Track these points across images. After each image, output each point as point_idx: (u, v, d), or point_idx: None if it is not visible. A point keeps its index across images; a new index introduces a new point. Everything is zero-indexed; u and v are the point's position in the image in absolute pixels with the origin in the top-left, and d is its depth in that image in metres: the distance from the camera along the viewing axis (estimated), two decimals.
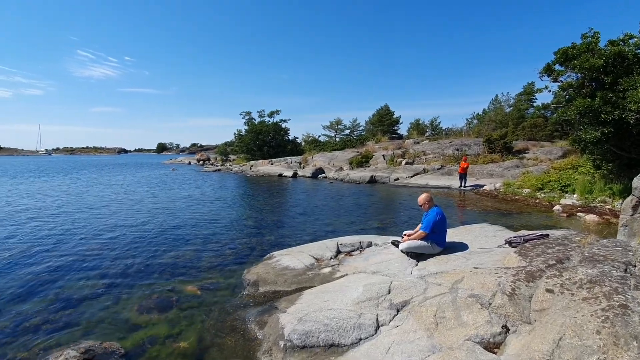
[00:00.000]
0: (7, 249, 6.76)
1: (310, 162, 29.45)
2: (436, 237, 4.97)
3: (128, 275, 5.48)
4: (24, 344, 3.52)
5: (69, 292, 4.81)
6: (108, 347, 3.36)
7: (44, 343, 3.54)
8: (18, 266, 5.84)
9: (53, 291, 4.83)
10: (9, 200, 13.18)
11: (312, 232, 8.38)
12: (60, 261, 6.11)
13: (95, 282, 5.15)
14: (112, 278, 5.33)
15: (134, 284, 5.10)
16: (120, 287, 4.98)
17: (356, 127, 51.56)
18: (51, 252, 6.65)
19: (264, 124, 39.20)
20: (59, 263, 6.01)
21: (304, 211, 11.30)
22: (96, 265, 5.91)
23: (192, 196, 14.86)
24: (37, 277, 5.32)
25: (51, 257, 6.35)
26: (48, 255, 6.42)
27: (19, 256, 6.36)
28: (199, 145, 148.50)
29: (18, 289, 4.90)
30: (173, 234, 8.16)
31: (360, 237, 6.48)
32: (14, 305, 4.40)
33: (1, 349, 3.45)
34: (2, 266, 5.81)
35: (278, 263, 5.37)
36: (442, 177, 19.44)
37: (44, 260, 6.14)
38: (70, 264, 5.95)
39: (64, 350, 3.23)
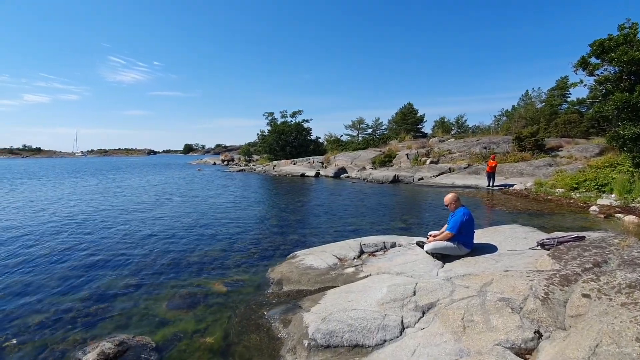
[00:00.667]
0: (49, 245, 7.20)
1: (333, 161, 29.44)
2: (463, 238, 4.84)
3: (158, 272, 5.68)
4: (63, 335, 3.74)
5: (104, 287, 5.06)
6: (140, 341, 3.51)
7: (81, 334, 3.74)
8: (58, 261, 6.20)
9: (89, 285, 5.09)
10: (49, 201, 14.02)
11: (334, 232, 8.37)
12: (96, 257, 6.43)
13: (128, 278, 5.38)
14: (143, 274, 5.55)
15: (163, 281, 5.29)
16: (151, 283, 5.18)
17: (379, 126, 51.08)
18: (88, 248, 7.01)
19: (287, 124, 39.54)
20: (95, 259, 6.33)
21: (327, 211, 11.30)
22: (128, 262, 6.18)
23: (217, 196, 15.23)
24: (74, 272, 5.63)
25: (88, 253, 6.69)
26: (85, 252, 6.77)
27: (58, 252, 6.75)
28: (223, 146, 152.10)
29: (58, 282, 5.20)
30: (200, 232, 8.39)
31: (384, 237, 6.41)
32: (55, 298, 4.67)
33: (43, 339, 3.67)
34: (45, 261, 6.20)
35: (301, 262, 5.40)
36: (468, 177, 18.88)
37: (81, 256, 6.49)
38: (104, 260, 6.25)
39: (100, 342, 3.40)
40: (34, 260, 6.27)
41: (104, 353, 3.19)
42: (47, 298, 4.67)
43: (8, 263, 6.10)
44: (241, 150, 55.75)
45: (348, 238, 7.06)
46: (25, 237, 7.93)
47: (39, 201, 13.61)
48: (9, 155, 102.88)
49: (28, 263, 6.10)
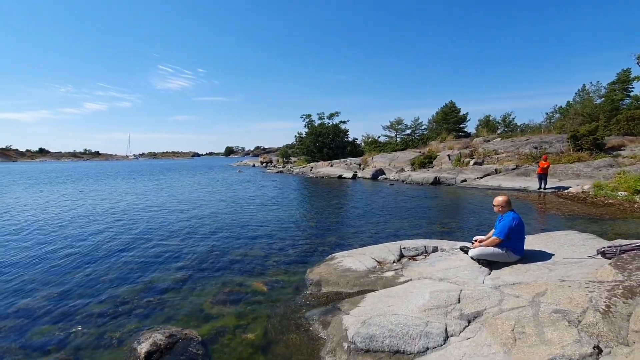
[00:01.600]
0: (108, 240, 7.84)
1: (370, 163, 29.11)
2: (512, 243, 4.55)
3: (203, 268, 5.96)
4: (119, 324, 4.04)
5: (155, 280, 5.40)
6: (188, 334, 3.69)
7: (135, 324, 4.02)
8: (115, 255, 6.73)
9: (142, 280, 5.46)
10: (111, 200, 15.28)
11: (373, 234, 8.26)
12: (148, 252, 6.90)
13: (176, 273, 5.70)
14: (190, 270, 5.85)
15: (208, 277, 5.53)
16: (197, 279, 5.45)
17: (418, 127, 49.70)
18: (140, 244, 7.54)
19: (324, 126, 39.76)
20: (147, 254, 6.79)
21: (364, 213, 11.19)
22: (177, 258, 6.55)
23: (256, 197, 15.68)
24: (128, 267, 6.07)
25: (141, 248, 7.19)
26: (138, 247, 7.28)
27: (116, 246, 7.33)
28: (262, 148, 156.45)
29: (115, 275, 5.64)
30: (241, 232, 8.69)
31: (425, 241, 6.21)
32: (113, 289, 5.07)
33: (103, 327, 4.00)
34: (104, 254, 6.76)
35: (340, 264, 5.39)
36: (517, 178, 17.74)
37: (135, 251, 6.98)
38: (156, 256, 6.68)
39: (152, 333, 3.63)
40: (95, 253, 6.86)
41: (156, 344, 3.40)
42: (106, 289, 5.08)
43: (75, 256, 6.73)
44: (279, 152, 56.96)
45: (387, 241, 6.93)
46: (89, 232, 8.70)
47: (102, 200, 14.87)
48: (72, 159, 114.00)
49: (90, 256, 6.69)
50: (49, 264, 6.25)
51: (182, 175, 32.70)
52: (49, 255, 6.82)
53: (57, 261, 6.42)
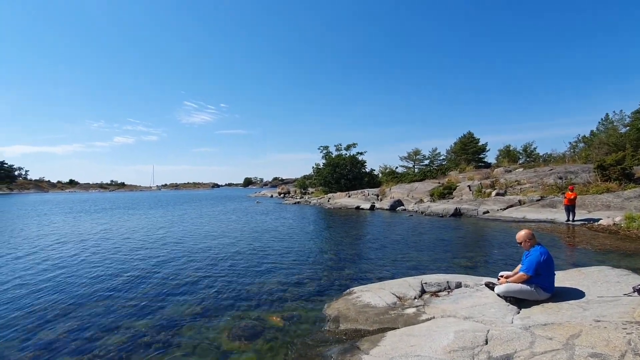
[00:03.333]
0: (128, 270, 7.96)
1: (388, 194, 28.88)
2: (541, 280, 4.33)
3: (220, 301, 5.92)
4: (138, 359, 4.02)
5: (172, 313, 5.39)
6: None
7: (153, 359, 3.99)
8: (135, 286, 6.80)
9: (160, 311, 5.47)
10: (134, 230, 15.67)
11: (392, 268, 8.04)
12: (167, 283, 6.94)
13: (193, 306, 5.68)
14: (206, 303, 5.82)
15: (224, 310, 5.48)
16: (213, 312, 5.40)
17: (436, 157, 49.46)
18: (158, 275, 7.60)
19: (341, 157, 40.18)
20: (164, 286, 6.82)
21: (383, 245, 10.97)
22: (195, 289, 6.56)
23: (274, 228, 15.71)
24: (148, 297, 6.11)
25: (160, 278, 7.25)
26: (157, 277, 7.34)
27: (136, 277, 7.42)
28: (280, 179, 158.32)
29: (133, 307, 5.67)
30: (258, 263, 8.65)
31: (447, 276, 5.99)
32: (130, 321, 5.09)
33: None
34: (125, 285, 6.84)
35: (358, 299, 5.25)
36: (542, 210, 17.10)
37: (154, 282, 7.04)
38: (173, 287, 6.71)
39: None
40: (116, 282, 6.97)
41: None
42: (126, 320, 5.10)
43: (97, 285, 6.85)
44: (297, 183, 57.51)
45: (407, 275, 6.73)
46: (111, 261, 8.89)
47: (127, 231, 15.28)
48: (99, 190, 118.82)
49: (111, 285, 6.78)
50: (73, 292, 6.38)
51: (203, 206, 33.34)
52: (73, 282, 6.97)
53: (80, 289, 6.55)
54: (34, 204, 38.02)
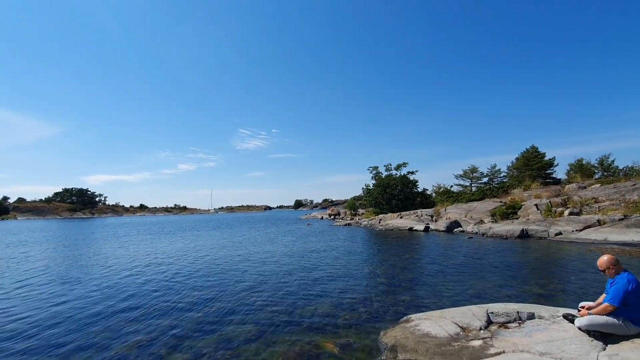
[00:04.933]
0: (188, 289, 8.42)
1: (444, 214, 27.44)
2: (630, 312, 3.73)
3: (274, 323, 5.96)
4: None
5: (229, 334, 5.52)
6: None
7: None
8: (195, 305, 7.13)
9: (217, 331, 5.63)
10: (194, 250, 16.69)
11: (452, 295, 7.49)
12: (223, 304, 7.17)
13: (248, 327, 5.77)
14: (262, 325, 5.89)
15: (279, 333, 5.49)
16: (268, 335, 5.43)
17: (496, 174, 46.25)
18: (216, 294, 7.91)
19: (392, 177, 39.35)
20: (221, 306, 7.06)
21: (441, 269, 10.32)
22: (249, 310, 6.69)
23: (325, 249, 15.66)
24: (206, 317, 6.35)
25: (216, 299, 7.53)
26: (214, 297, 7.64)
27: (196, 296, 7.79)
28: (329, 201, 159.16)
29: (193, 325, 5.92)
30: (310, 286, 8.62)
31: (517, 305, 5.42)
32: (191, 340, 5.30)
33: None
34: (186, 303, 7.22)
35: (417, 328, 4.94)
36: (627, 231, 14.93)
37: (212, 301, 7.33)
38: (230, 308, 6.91)
39: None
40: (178, 301, 7.38)
41: None
42: (187, 339, 5.33)
43: (162, 302, 7.32)
44: (347, 205, 57.25)
45: (470, 303, 6.23)
46: (173, 281, 9.48)
47: (189, 250, 16.34)
48: (165, 213, 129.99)
49: (174, 303, 7.20)
50: (143, 306, 6.88)
51: (257, 228, 34.54)
52: (143, 296, 7.53)
53: (149, 303, 7.05)
54: (113, 227, 42.49)
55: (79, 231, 35.01)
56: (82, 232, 33.05)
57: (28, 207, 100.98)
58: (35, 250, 17.77)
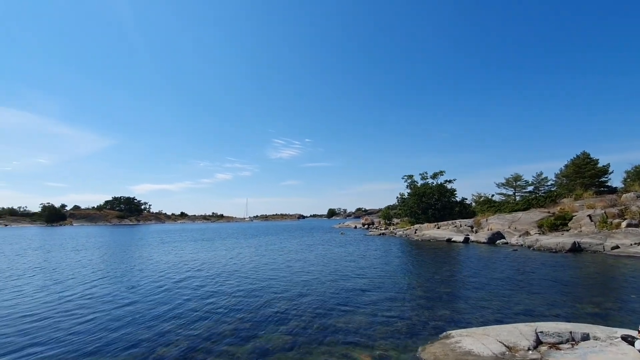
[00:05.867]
0: (225, 296, 8.68)
1: (485, 225, 26.14)
2: None
3: (309, 333, 5.98)
4: None
5: (265, 341, 5.61)
6: None
7: None
8: (230, 311, 7.32)
9: (252, 339, 5.75)
10: (231, 257, 17.23)
11: (496, 311, 7.10)
12: (258, 312, 7.31)
13: (283, 336, 5.83)
14: (296, 333, 5.94)
15: (313, 342, 5.51)
16: (302, 344, 5.46)
17: (542, 183, 43.38)
18: (251, 302, 8.07)
19: (428, 186, 38.24)
20: (257, 312, 7.21)
21: (483, 284, 9.83)
22: (283, 318, 6.77)
23: (359, 260, 15.49)
24: (242, 324, 6.49)
25: (251, 306, 7.69)
26: (248, 304, 7.81)
27: (231, 303, 8.02)
28: (363, 210, 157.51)
29: (229, 331, 6.08)
30: (345, 296, 8.56)
31: (570, 325, 5.03)
32: (226, 346, 5.43)
33: None
34: (223, 310, 7.43)
35: (458, 345, 4.74)
36: None
37: (247, 308, 7.49)
38: (265, 315, 7.05)
39: None
40: (214, 306, 7.62)
41: None
42: (222, 345, 5.48)
43: (201, 306, 7.62)
44: (381, 214, 56.32)
45: (515, 320, 5.89)
46: (213, 286, 9.84)
47: (229, 256, 16.91)
48: (203, 221, 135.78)
49: (212, 308, 7.45)
50: (182, 310, 7.19)
51: (292, 236, 34.94)
52: (184, 300, 7.87)
53: (189, 307, 7.36)
54: (158, 233, 44.98)
55: (128, 237, 37.46)
56: (132, 238, 35.32)
57: (82, 214, 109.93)
58: (96, 255, 19.22)
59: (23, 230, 64.36)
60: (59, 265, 15.09)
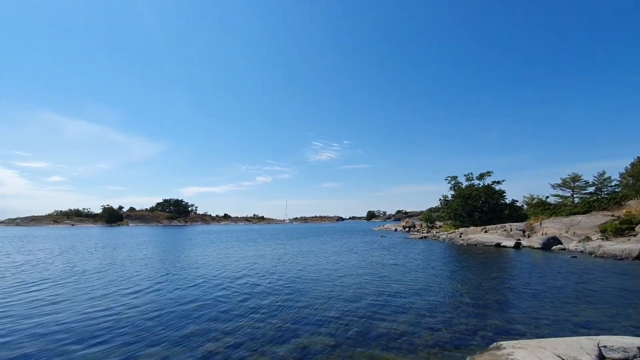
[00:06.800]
0: (270, 296, 8.93)
1: (538, 229, 24.36)
2: None
3: (349, 335, 5.99)
4: None
5: (306, 343, 5.69)
6: None
7: None
8: (275, 311, 7.51)
9: (295, 340, 5.83)
10: (274, 259, 17.71)
11: (552, 322, 6.61)
12: (299, 312, 7.44)
13: (326, 339, 5.87)
14: (338, 337, 5.96)
15: (355, 347, 5.49)
16: (345, 349, 5.45)
17: (605, 183, 39.57)
18: (293, 302, 8.22)
19: (473, 187, 36.42)
20: (299, 313, 7.33)
21: (538, 292, 9.18)
22: (325, 321, 6.82)
23: (401, 264, 15.15)
24: (285, 324, 6.63)
25: (293, 306, 7.83)
26: (292, 305, 7.95)
27: (275, 303, 8.23)
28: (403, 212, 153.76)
29: (273, 333, 6.24)
30: (386, 301, 8.43)
31: (637, 339, 4.56)
32: (271, 346, 5.59)
33: None
34: (267, 310, 7.65)
35: (510, 357, 4.49)
36: None
37: (290, 309, 7.64)
38: (306, 316, 7.15)
39: None
40: (262, 306, 7.86)
41: None
42: (267, 345, 5.65)
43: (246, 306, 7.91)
44: (423, 216, 54.61)
45: (574, 333, 5.48)
46: (259, 286, 10.18)
47: (274, 257, 17.42)
48: (245, 222, 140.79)
49: (257, 308, 7.70)
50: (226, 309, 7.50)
51: (332, 239, 35.08)
52: (228, 300, 8.23)
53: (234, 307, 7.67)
54: (205, 234, 47.45)
55: (180, 237, 39.96)
56: (182, 238, 37.64)
57: (137, 215, 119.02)
58: (156, 254, 20.73)
59: (88, 229, 71.03)
60: (124, 262, 16.45)
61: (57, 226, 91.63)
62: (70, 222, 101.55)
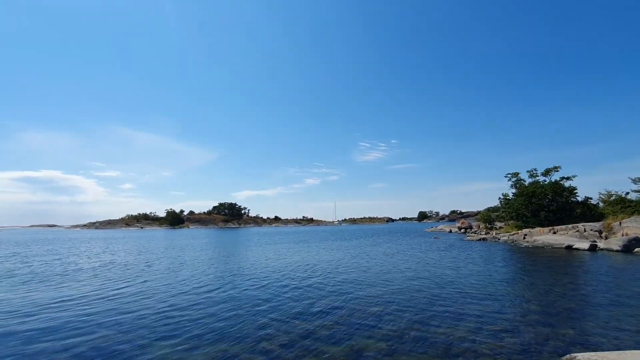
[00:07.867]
0: (324, 297, 9.15)
1: (618, 229, 21.77)
2: None
3: (404, 340, 5.94)
4: None
5: (361, 346, 5.71)
6: None
7: None
8: (327, 312, 7.67)
9: (348, 342, 5.89)
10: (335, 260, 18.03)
11: (635, 333, 5.96)
12: (351, 314, 7.50)
13: (379, 343, 5.82)
14: (393, 342, 5.90)
15: (411, 353, 5.41)
16: (399, 353, 5.39)
17: None
18: (346, 304, 8.32)
19: (538, 184, 33.48)
20: (352, 316, 7.39)
21: (618, 300, 8.30)
22: (378, 324, 6.82)
23: (460, 267, 14.54)
24: (338, 326, 6.74)
25: (346, 308, 7.92)
26: (345, 307, 8.06)
27: (329, 305, 8.39)
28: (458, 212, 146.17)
29: (327, 332, 6.39)
30: (444, 306, 8.19)
31: None
32: (326, 346, 5.73)
33: None
34: (318, 311, 7.83)
35: None
36: None
37: (342, 310, 7.74)
38: (359, 319, 7.19)
39: None
40: (313, 306, 8.06)
41: None
42: (319, 344, 5.81)
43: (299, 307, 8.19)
44: (480, 217, 51.43)
45: None
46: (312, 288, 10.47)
47: (330, 258, 17.79)
48: (295, 224, 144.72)
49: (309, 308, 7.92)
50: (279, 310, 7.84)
51: (383, 240, 34.64)
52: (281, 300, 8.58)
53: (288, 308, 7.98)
54: (259, 235, 49.65)
55: (237, 239, 42.32)
56: (241, 240, 39.81)
57: (196, 218, 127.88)
58: (221, 255, 22.23)
59: (155, 232, 77.83)
60: (194, 262, 17.90)
61: (129, 229, 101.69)
62: (139, 225, 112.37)
